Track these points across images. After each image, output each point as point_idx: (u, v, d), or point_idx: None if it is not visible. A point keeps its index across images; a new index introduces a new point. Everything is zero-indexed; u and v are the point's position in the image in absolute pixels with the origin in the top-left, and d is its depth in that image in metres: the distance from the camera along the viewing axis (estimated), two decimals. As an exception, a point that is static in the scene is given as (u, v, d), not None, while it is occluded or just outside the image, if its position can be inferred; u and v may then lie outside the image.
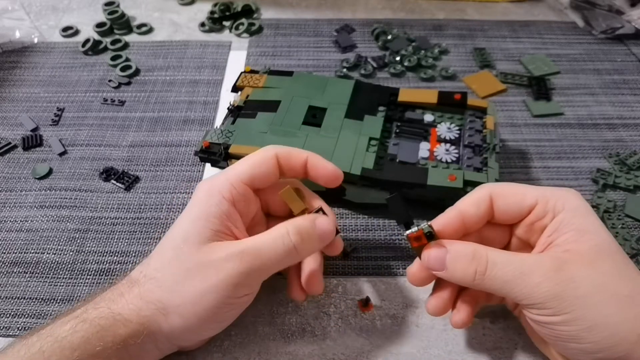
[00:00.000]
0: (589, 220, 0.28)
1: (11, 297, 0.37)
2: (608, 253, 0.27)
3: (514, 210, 0.30)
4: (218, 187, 0.30)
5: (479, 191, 0.31)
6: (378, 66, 0.57)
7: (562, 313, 0.26)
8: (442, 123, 0.43)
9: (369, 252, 0.39)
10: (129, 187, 0.44)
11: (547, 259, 0.27)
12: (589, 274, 0.26)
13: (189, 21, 0.64)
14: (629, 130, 0.49)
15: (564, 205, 0.29)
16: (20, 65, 0.57)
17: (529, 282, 0.26)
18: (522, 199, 0.30)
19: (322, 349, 0.34)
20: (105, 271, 0.38)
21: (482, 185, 0.31)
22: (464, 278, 0.28)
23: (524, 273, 0.26)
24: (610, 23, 0.61)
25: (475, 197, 0.31)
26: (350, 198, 0.41)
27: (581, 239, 0.27)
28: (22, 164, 0.46)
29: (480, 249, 0.28)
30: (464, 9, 0.66)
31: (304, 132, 0.42)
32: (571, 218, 0.28)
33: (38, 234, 0.41)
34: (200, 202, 0.30)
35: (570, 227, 0.28)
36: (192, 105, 0.52)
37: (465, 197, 0.31)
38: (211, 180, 0.31)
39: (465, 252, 0.28)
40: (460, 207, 0.31)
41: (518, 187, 0.31)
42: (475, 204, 0.30)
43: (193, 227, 0.29)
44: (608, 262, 0.27)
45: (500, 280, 0.27)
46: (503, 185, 0.31)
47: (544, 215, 0.29)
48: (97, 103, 0.52)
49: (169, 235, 0.30)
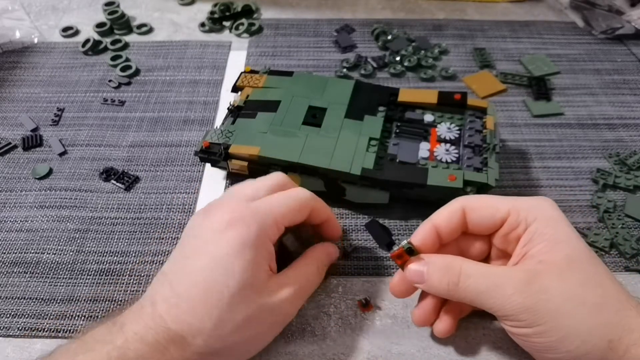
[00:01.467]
0: (561, 229, 0.29)
1: (11, 297, 0.37)
2: (579, 262, 0.28)
3: (487, 222, 0.31)
4: (268, 233, 0.30)
5: (452, 204, 0.32)
6: (378, 66, 0.57)
7: (534, 325, 0.26)
8: (442, 123, 0.43)
9: (369, 252, 0.39)
10: (129, 187, 0.44)
11: (520, 271, 0.28)
12: (559, 285, 0.27)
13: (189, 21, 0.64)
14: (629, 130, 0.49)
15: (536, 216, 0.29)
16: (20, 65, 0.57)
17: (502, 294, 0.27)
18: (494, 211, 0.31)
19: (322, 349, 0.34)
20: (106, 271, 0.38)
21: (456, 199, 0.32)
22: (439, 289, 0.29)
23: (497, 285, 0.27)
24: (610, 23, 0.61)
25: (448, 210, 0.32)
26: (350, 198, 0.41)
27: (554, 249, 0.28)
28: (22, 164, 0.46)
29: (454, 261, 0.29)
30: (464, 9, 0.66)
31: (304, 132, 0.42)
32: (544, 228, 0.29)
33: (38, 234, 0.41)
34: (250, 247, 0.28)
35: (543, 237, 0.28)
36: (192, 105, 0.52)
37: (439, 210, 0.32)
38: (260, 222, 0.29)
39: (439, 265, 0.30)
40: (434, 220, 0.32)
41: (490, 200, 0.32)
42: (448, 217, 0.31)
43: (250, 274, 0.28)
44: (578, 272, 0.27)
45: (474, 292, 0.28)
46: (476, 197, 0.32)
47: (516, 225, 0.30)
48: (97, 103, 0.52)
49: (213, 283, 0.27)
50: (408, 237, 0.40)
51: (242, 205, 0.30)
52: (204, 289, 0.27)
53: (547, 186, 0.44)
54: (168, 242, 0.40)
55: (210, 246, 0.29)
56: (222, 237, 0.28)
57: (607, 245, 0.39)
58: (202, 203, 0.43)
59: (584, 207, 0.43)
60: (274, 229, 0.30)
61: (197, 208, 0.43)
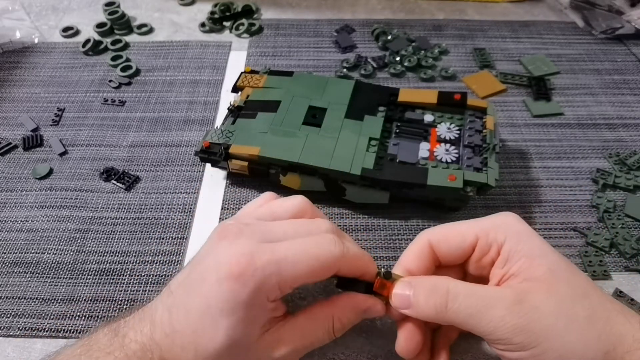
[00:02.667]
0: (534, 243, 0.28)
1: (11, 297, 0.37)
2: (561, 275, 0.27)
3: (457, 252, 0.30)
4: (267, 294, 0.26)
5: (417, 242, 0.30)
6: (378, 66, 0.57)
7: (530, 347, 0.25)
8: (442, 123, 0.43)
9: (369, 252, 0.39)
10: (130, 187, 0.44)
11: (508, 291, 0.27)
12: (549, 302, 0.26)
13: (189, 21, 0.64)
14: (629, 130, 0.50)
15: (506, 234, 0.28)
16: (21, 65, 0.57)
17: (493, 316, 0.25)
18: (461, 239, 0.29)
19: (322, 348, 0.34)
20: (106, 271, 0.38)
21: (419, 235, 0.31)
22: (427, 312, 0.27)
23: (488, 306, 0.26)
24: (610, 23, 0.61)
25: (416, 250, 0.30)
26: (350, 198, 0.41)
27: (533, 265, 0.27)
28: (23, 164, 0.46)
29: (440, 281, 0.28)
30: (464, 9, 0.66)
31: (304, 132, 0.42)
32: (516, 245, 0.28)
33: (38, 234, 0.41)
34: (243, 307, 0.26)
35: (519, 254, 0.27)
36: (193, 105, 0.52)
37: (405, 252, 0.31)
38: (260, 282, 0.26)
39: (426, 286, 0.28)
40: (404, 264, 0.30)
41: (455, 227, 0.30)
42: (418, 257, 0.30)
43: (239, 332, 0.26)
44: (564, 285, 0.26)
45: (464, 314, 0.26)
46: (440, 229, 0.31)
47: (488, 249, 0.29)
48: (98, 103, 0.52)
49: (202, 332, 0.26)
50: (408, 237, 0.41)
51: (250, 252, 0.26)
52: (193, 333, 0.26)
53: (547, 186, 0.44)
54: (168, 242, 0.40)
55: (207, 289, 0.26)
56: (219, 287, 0.26)
57: (607, 245, 0.39)
58: (202, 203, 0.43)
59: (584, 207, 0.43)
60: (274, 292, 0.27)
61: (197, 208, 0.43)
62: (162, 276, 0.38)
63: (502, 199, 0.43)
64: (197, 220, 0.42)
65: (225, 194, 0.44)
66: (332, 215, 0.42)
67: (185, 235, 0.41)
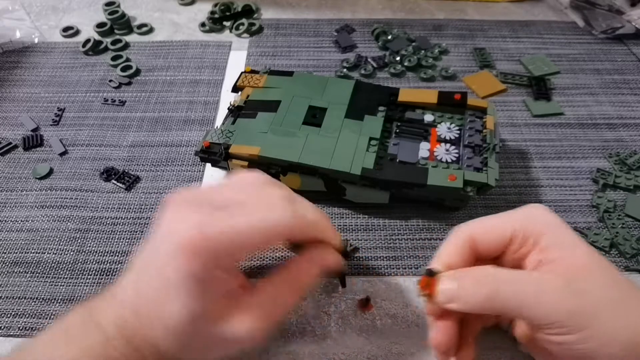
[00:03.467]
0: (570, 235, 0.29)
1: (12, 297, 0.37)
2: (599, 263, 0.27)
3: (497, 245, 0.30)
4: (219, 263, 0.27)
5: (458, 236, 0.30)
6: (378, 66, 0.57)
7: (580, 330, 0.25)
8: (442, 123, 0.43)
9: (369, 252, 0.40)
10: (130, 187, 0.44)
11: (554, 276, 0.27)
12: (595, 285, 0.26)
13: (189, 21, 0.64)
14: (629, 130, 0.50)
15: (543, 225, 0.29)
16: (21, 65, 0.57)
17: (547, 300, 0.26)
18: (501, 232, 0.30)
19: (322, 348, 0.34)
20: (106, 271, 0.38)
21: (459, 229, 0.31)
22: (475, 303, 0.27)
23: (540, 291, 0.26)
24: (610, 23, 0.61)
25: (457, 244, 0.30)
26: (350, 198, 0.41)
27: (574, 254, 0.28)
28: (23, 164, 0.46)
29: (486, 270, 0.28)
30: (464, 9, 0.66)
31: (304, 132, 0.42)
32: (555, 236, 0.28)
33: (39, 233, 0.41)
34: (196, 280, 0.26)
35: (558, 244, 0.28)
36: (193, 105, 0.52)
37: (445, 246, 0.30)
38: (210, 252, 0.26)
39: (472, 276, 0.28)
40: (444, 258, 0.30)
41: (492, 221, 0.30)
42: (458, 252, 0.30)
43: (198, 306, 0.26)
44: (603, 272, 0.27)
45: (515, 300, 0.26)
46: (479, 223, 0.31)
47: (525, 240, 0.29)
48: (98, 103, 0.52)
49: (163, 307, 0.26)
50: (408, 237, 0.41)
51: (201, 222, 0.26)
52: (158, 308, 0.26)
53: (547, 186, 0.44)
54: (168, 242, 0.40)
55: (164, 262, 0.26)
56: (173, 259, 0.26)
57: (607, 245, 0.39)
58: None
59: (584, 207, 0.43)
60: (227, 261, 0.27)
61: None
62: (162, 276, 0.38)
63: (502, 199, 0.43)
64: (197, 220, 0.42)
65: (226, 193, 0.44)
66: (332, 215, 0.42)
67: (186, 235, 0.41)
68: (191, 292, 0.26)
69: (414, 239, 0.40)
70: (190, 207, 0.28)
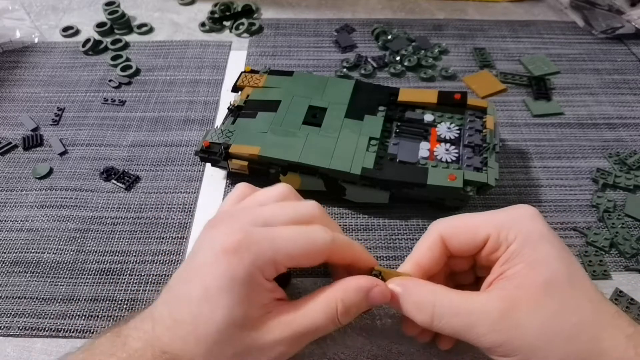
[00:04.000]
0: (541, 249, 0.28)
1: (12, 297, 0.37)
2: (557, 287, 0.27)
3: (468, 247, 0.30)
4: (263, 270, 0.27)
5: (430, 235, 0.31)
6: (378, 66, 0.57)
7: (510, 355, 0.26)
8: (442, 123, 0.43)
9: (369, 252, 0.39)
10: (130, 186, 0.44)
11: (495, 302, 0.27)
12: (534, 317, 0.26)
13: (189, 21, 0.64)
14: (629, 130, 0.50)
15: (517, 234, 0.28)
16: (21, 65, 0.57)
17: (476, 333, 0.27)
18: (473, 235, 0.29)
19: (322, 348, 0.34)
20: (106, 271, 0.38)
21: (432, 226, 0.31)
22: (416, 321, 0.29)
23: (471, 324, 0.27)
24: (610, 23, 0.61)
25: (428, 243, 0.30)
26: (351, 198, 0.41)
27: (531, 273, 0.27)
28: (23, 163, 0.46)
29: (427, 298, 0.28)
30: (464, 9, 0.66)
31: (304, 131, 0.42)
32: (522, 248, 0.28)
33: (38, 233, 0.41)
34: (240, 284, 0.26)
35: (521, 258, 0.28)
36: (193, 105, 0.52)
37: (418, 246, 0.31)
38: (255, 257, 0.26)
39: (413, 300, 0.29)
40: (416, 258, 0.30)
41: (468, 221, 0.30)
42: (429, 251, 0.30)
43: (239, 311, 0.26)
44: (556, 299, 0.26)
45: (448, 330, 0.28)
46: (453, 222, 0.31)
47: (497, 247, 0.29)
48: (98, 103, 0.52)
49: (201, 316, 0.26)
50: (408, 237, 0.41)
51: (244, 229, 0.27)
52: (193, 320, 0.26)
53: (547, 186, 0.44)
54: (168, 241, 0.40)
55: (204, 272, 0.27)
56: (216, 265, 0.26)
57: (607, 245, 0.39)
58: (202, 203, 0.43)
59: (583, 206, 0.43)
60: (270, 269, 0.27)
61: (197, 208, 0.43)
62: (162, 276, 0.38)
63: (502, 199, 0.43)
64: (197, 220, 0.42)
65: (225, 193, 0.44)
66: (332, 215, 0.42)
67: (185, 235, 0.41)
68: (233, 296, 0.26)
69: (414, 239, 0.40)
70: (232, 221, 0.28)
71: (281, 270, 0.28)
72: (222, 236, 0.27)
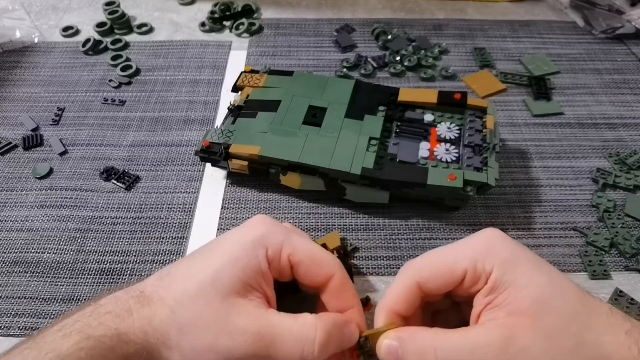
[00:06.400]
0: (520, 271, 0.28)
1: (12, 297, 0.37)
2: (548, 303, 0.27)
3: (447, 286, 0.29)
4: (269, 242, 0.29)
5: (404, 281, 0.30)
6: (378, 66, 0.57)
7: None
8: (442, 123, 0.43)
9: (369, 252, 0.40)
10: (130, 186, 0.44)
11: (494, 333, 0.26)
12: (536, 338, 0.26)
13: (189, 21, 0.64)
14: (629, 130, 0.50)
15: (493, 263, 0.28)
16: (21, 65, 0.57)
17: None
18: (451, 274, 0.29)
19: (322, 348, 0.34)
20: (106, 271, 0.38)
21: (405, 270, 0.30)
22: None
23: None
24: (610, 23, 0.61)
25: (402, 289, 0.30)
26: (351, 197, 0.41)
27: (518, 297, 0.27)
28: (23, 163, 0.46)
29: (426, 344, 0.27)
30: (464, 9, 0.66)
31: (304, 131, 0.42)
32: (503, 275, 0.28)
33: (39, 233, 0.41)
34: (244, 245, 0.29)
35: (505, 285, 0.27)
36: (193, 105, 0.52)
37: (390, 291, 0.30)
38: (270, 227, 0.30)
39: (412, 349, 0.28)
40: (391, 305, 0.30)
41: (442, 259, 0.30)
42: (405, 297, 0.29)
43: (226, 272, 0.28)
44: (550, 315, 0.26)
45: None
46: (426, 262, 0.30)
47: (477, 279, 0.28)
48: (98, 103, 0.52)
49: (203, 263, 0.29)
50: (408, 237, 0.41)
51: (269, 221, 0.31)
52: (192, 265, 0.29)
53: (547, 186, 0.44)
54: (168, 241, 0.40)
55: (221, 241, 0.31)
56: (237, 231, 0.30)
57: (607, 245, 0.39)
58: (202, 202, 0.43)
59: (583, 206, 0.43)
60: (275, 253, 0.29)
61: (197, 207, 0.43)
62: (162, 276, 0.38)
63: (502, 199, 0.43)
64: (197, 220, 0.42)
65: (225, 193, 0.44)
66: (332, 215, 0.42)
67: (185, 235, 0.41)
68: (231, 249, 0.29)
69: (414, 238, 0.40)
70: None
71: (284, 266, 0.29)
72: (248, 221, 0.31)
